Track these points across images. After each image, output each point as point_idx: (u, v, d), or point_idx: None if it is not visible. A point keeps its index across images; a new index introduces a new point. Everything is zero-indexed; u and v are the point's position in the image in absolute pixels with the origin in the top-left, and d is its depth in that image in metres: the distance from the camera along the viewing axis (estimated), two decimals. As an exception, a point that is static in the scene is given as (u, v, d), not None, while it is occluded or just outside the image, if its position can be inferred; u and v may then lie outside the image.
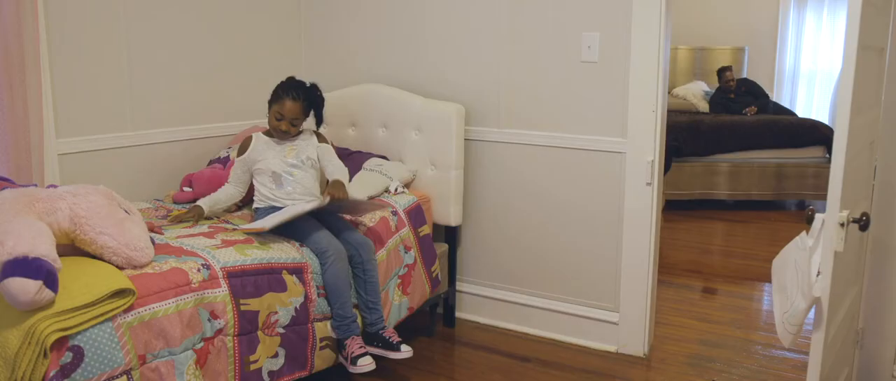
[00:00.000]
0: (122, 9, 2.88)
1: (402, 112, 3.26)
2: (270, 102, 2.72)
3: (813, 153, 5.75)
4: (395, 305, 2.84)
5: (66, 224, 1.98)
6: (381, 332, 2.62)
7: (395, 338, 2.61)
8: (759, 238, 5.04)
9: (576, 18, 2.99)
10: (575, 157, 3.09)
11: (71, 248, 2.03)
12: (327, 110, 3.46)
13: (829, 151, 5.67)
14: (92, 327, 1.83)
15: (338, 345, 2.54)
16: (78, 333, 1.80)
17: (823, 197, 5.65)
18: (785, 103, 7.39)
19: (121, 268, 2.01)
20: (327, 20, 3.60)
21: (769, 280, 4.06)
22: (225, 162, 3.04)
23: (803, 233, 1.97)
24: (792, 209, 5.90)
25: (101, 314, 1.84)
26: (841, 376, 2.37)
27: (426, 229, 3.07)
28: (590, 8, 2.96)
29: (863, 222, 1.88)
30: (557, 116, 3.10)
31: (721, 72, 6.69)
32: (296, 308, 2.40)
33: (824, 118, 7.11)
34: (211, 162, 3.14)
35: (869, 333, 2.67)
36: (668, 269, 4.19)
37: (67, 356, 1.78)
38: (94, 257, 2.03)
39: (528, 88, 3.15)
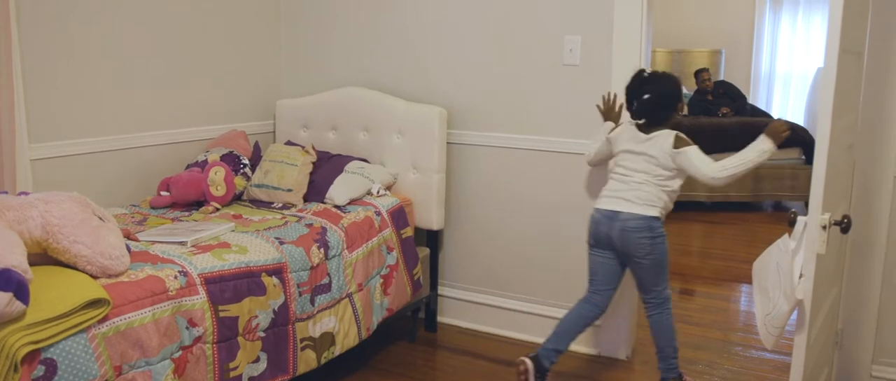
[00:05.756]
0: (97, 12, 2.82)
1: (383, 115, 3.24)
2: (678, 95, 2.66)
3: (789, 154, 5.82)
4: (376, 304, 2.83)
5: (37, 233, 1.92)
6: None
7: None
8: (737, 239, 5.08)
9: (558, 21, 2.99)
10: (558, 160, 3.08)
11: (43, 257, 1.97)
12: (308, 114, 3.44)
13: (805, 152, 5.78)
14: (65, 339, 1.78)
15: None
16: (50, 345, 1.75)
17: (799, 198, 5.73)
18: (761, 105, 7.48)
19: (95, 277, 1.96)
20: (307, 24, 3.57)
21: (748, 281, 4.09)
22: (203, 166, 2.99)
23: (785, 235, 1.98)
24: (769, 210, 5.96)
25: (75, 326, 1.79)
26: (821, 376, 2.38)
27: (409, 232, 3.05)
28: (571, 11, 2.96)
29: (844, 225, 1.89)
30: (540, 120, 3.10)
31: (698, 73, 6.76)
32: (274, 311, 2.37)
33: (799, 120, 7.20)
34: (189, 166, 3.09)
35: (848, 334, 2.69)
36: (648, 271, 4.19)
37: (39, 370, 1.73)
38: (67, 266, 1.97)
39: (511, 92, 3.14)
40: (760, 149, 2.49)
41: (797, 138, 5.78)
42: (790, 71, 7.71)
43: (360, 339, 2.75)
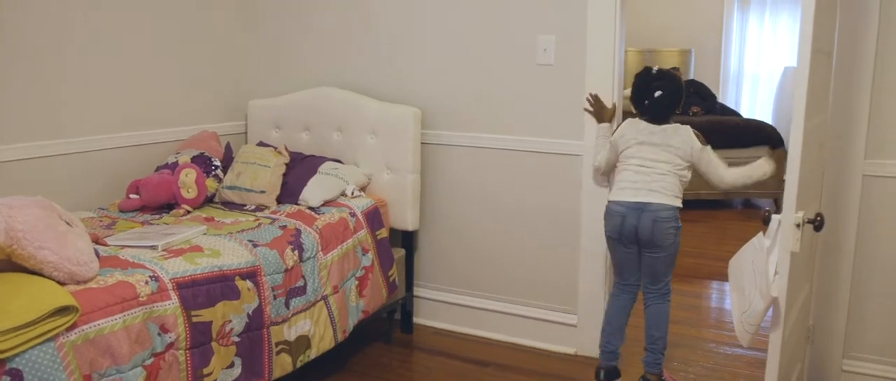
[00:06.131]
0: (64, 10, 2.75)
1: (357, 116, 3.21)
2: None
3: (758, 153, 5.87)
4: (352, 306, 2.80)
5: (1, 239, 1.86)
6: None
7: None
8: (708, 237, 5.15)
9: (531, 21, 2.99)
10: (532, 159, 3.09)
11: (7, 264, 1.91)
12: (280, 114, 3.40)
13: (774, 150, 5.87)
14: (32, 348, 1.72)
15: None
16: (16, 355, 1.69)
17: (769, 196, 5.82)
18: (730, 104, 7.58)
19: (63, 284, 1.90)
20: (279, 22, 3.52)
21: (720, 278, 4.15)
22: (173, 168, 2.93)
23: (760, 234, 2.00)
24: (739, 208, 6.05)
25: (42, 334, 1.74)
26: (794, 372, 2.42)
27: (384, 233, 3.03)
28: (545, 11, 2.96)
29: (817, 223, 1.92)
30: (514, 119, 3.10)
31: (669, 73, 6.82)
32: (248, 315, 2.33)
33: (767, 118, 7.32)
34: (159, 168, 3.02)
35: (819, 329, 2.74)
36: (622, 269, 4.22)
37: None
38: (33, 273, 1.91)
39: (485, 91, 3.13)
40: (763, 170, 2.64)
41: (766, 137, 5.88)
42: (758, 70, 7.83)
43: (335, 342, 2.72)
